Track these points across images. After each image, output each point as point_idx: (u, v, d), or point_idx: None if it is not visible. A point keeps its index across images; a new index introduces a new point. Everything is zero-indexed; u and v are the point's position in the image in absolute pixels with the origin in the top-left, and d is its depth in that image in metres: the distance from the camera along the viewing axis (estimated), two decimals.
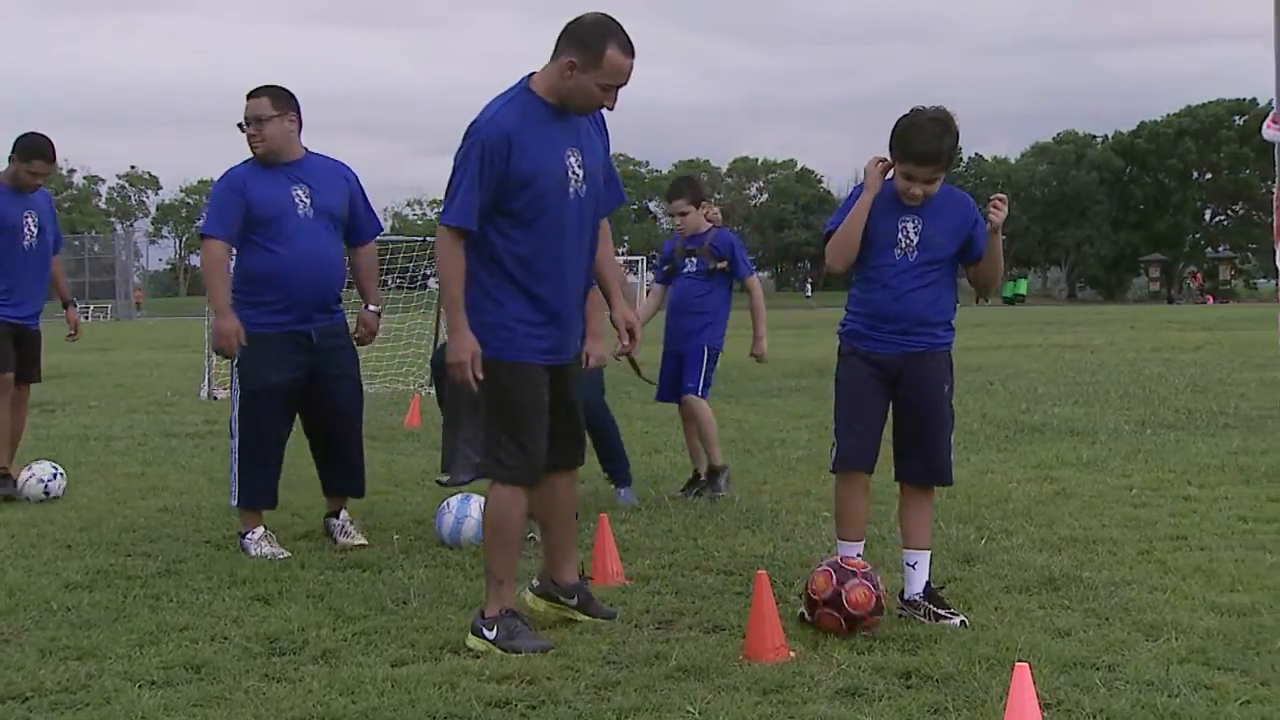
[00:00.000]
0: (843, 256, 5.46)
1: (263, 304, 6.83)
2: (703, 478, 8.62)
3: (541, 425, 5.18)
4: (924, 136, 5.23)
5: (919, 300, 5.39)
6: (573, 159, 5.18)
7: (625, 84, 5.09)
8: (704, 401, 8.55)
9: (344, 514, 7.19)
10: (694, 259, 8.58)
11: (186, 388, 17.73)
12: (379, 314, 7.50)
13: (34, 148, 8.54)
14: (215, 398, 15.98)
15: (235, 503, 7.03)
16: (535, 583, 5.58)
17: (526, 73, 5.23)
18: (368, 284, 7.42)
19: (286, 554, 6.80)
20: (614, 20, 5.08)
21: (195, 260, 77.00)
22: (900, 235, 5.37)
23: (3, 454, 8.76)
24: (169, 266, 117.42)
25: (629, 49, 5.05)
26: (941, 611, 5.31)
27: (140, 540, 7.31)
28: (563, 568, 5.53)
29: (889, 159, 5.35)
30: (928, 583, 5.46)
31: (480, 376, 5.03)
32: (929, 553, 5.56)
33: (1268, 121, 1.84)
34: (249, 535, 6.89)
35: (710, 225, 8.69)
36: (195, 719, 4.34)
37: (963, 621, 5.23)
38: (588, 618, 5.43)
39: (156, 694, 4.59)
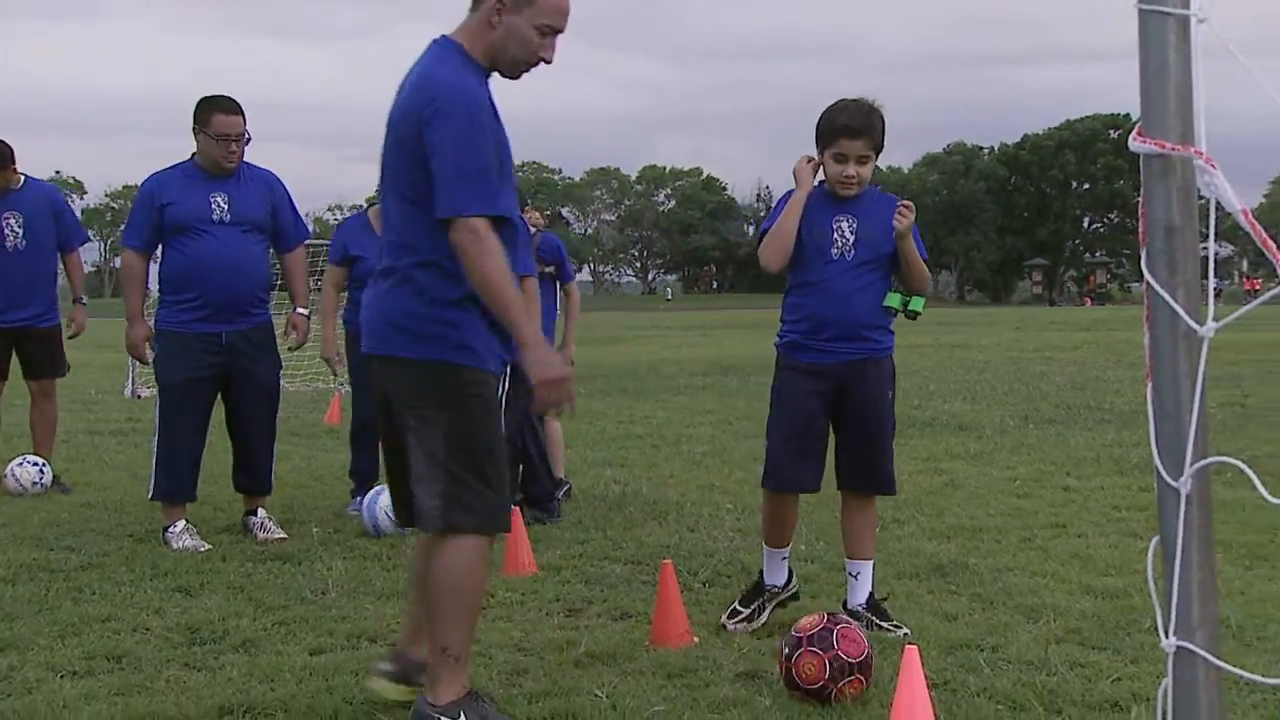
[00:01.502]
0: (778, 254, 5.01)
1: (178, 303, 6.80)
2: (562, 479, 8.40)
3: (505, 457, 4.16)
4: (849, 111, 4.93)
5: (860, 303, 4.98)
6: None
7: (563, 30, 3.98)
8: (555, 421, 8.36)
9: (261, 511, 7.09)
10: None
11: (110, 386, 17.40)
12: (308, 316, 7.47)
13: None
14: (139, 396, 15.73)
15: (151, 495, 6.93)
16: (387, 666, 4.22)
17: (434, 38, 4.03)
18: (297, 287, 7.39)
19: (208, 546, 6.68)
20: None
21: (119, 263, 75.36)
22: (836, 235, 4.97)
23: (44, 449, 8.73)
24: (94, 269, 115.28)
25: None
26: (883, 624, 4.95)
27: (64, 534, 7.14)
28: (422, 640, 4.18)
29: (816, 158, 5.04)
30: (871, 593, 5.11)
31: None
32: (871, 563, 5.17)
33: (1134, 134, 1.88)
34: (171, 529, 6.78)
35: (536, 230, 8.61)
36: (116, 708, 4.25)
37: (905, 634, 4.84)
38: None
39: (79, 683, 4.50)
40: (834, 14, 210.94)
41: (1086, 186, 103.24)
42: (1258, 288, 76.08)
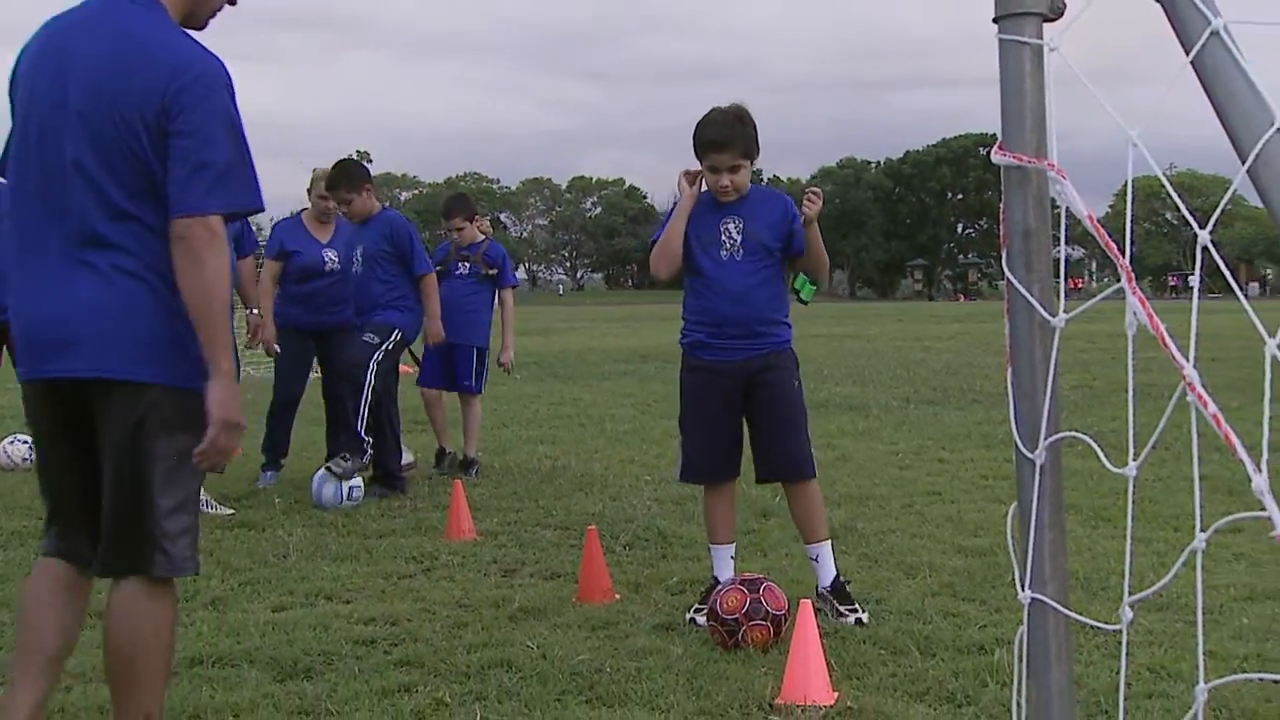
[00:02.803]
0: (665, 261, 4.75)
1: None
2: (448, 453, 8.32)
3: None
4: (714, 126, 4.61)
5: (757, 299, 4.68)
6: None
7: None
8: (478, 400, 8.33)
9: (201, 492, 6.90)
10: (467, 264, 8.26)
11: None
12: (260, 315, 7.54)
13: None
14: None
15: None
16: None
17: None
18: (249, 291, 7.42)
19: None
20: None
21: None
22: (724, 236, 4.69)
23: None
24: None
25: None
26: (842, 608, 4.59)
27: None
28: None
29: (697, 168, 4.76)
30: (836, 576, 4.74)
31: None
32: (827, 544, 4.79)
33: (996, 148, 1.90)
34: None
35: (484, 236, 8.53)
36: (96, 659, 4.15)
37: (858, 620, 4.51)
38: None
39: None
40: (741, 44, 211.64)
41: (960, 196, 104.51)
42: (1080, 286, 77.82)
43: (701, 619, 4.48)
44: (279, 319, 7.66)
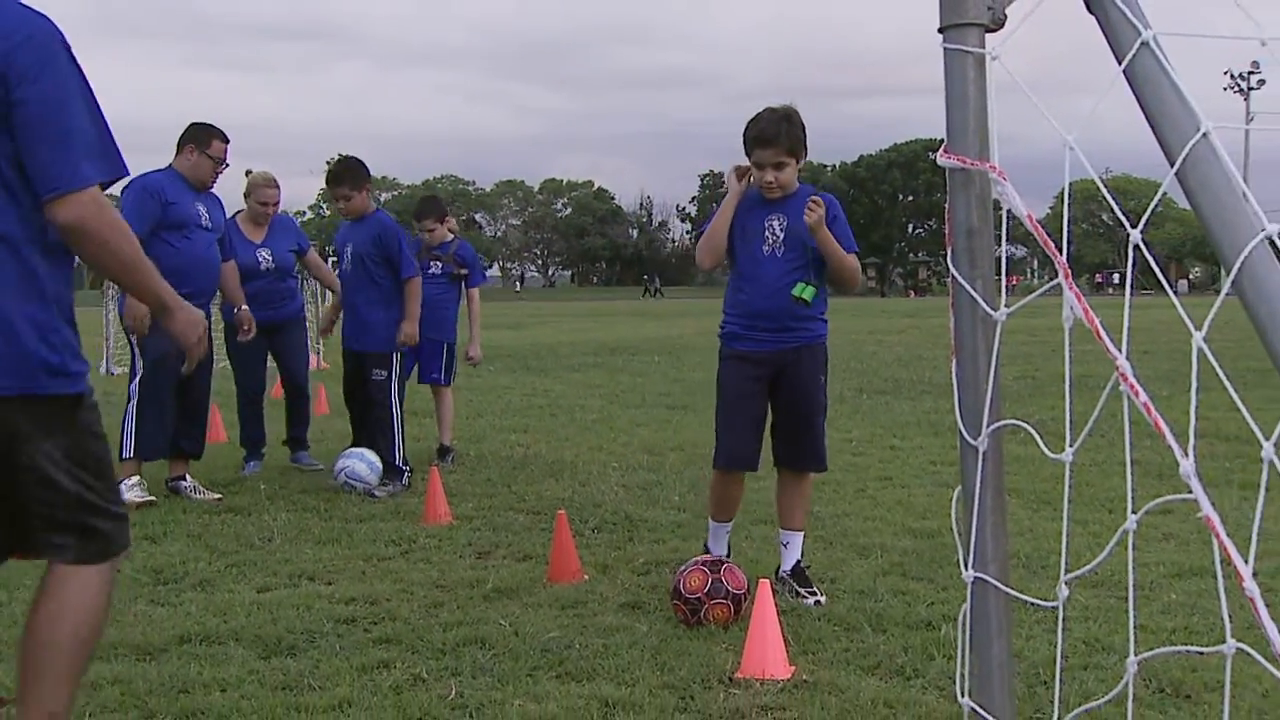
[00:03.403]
0: (709, 252, 4.68)
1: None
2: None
3: None
4: (761, 122, 4.54)
5: (791, 296, 4.60)
6: None
7: None
8: (449, 391, 8.26)
9: (189, 478, 6.84)
10: (439, 264, 8.16)
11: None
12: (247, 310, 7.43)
13: None
14: (113, 373, 15.26)
15: (126, 456, 6.61)
16: None
17: None
18: (236, 294, 7.28)
19: (153, 498, 6.47)
20: None
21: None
22: (767, 232, 4.61)
23: None
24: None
25: None
26: (801, 590, 4.57)
27: None
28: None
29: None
30: (797, 561, 4.72)
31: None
32: (801, 534, 4.77)
33: (941, 151, 1.89)
34: (123, 483, 6.55)
35: (454, 236, 8.47)
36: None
37: (817, 601, 4.50)
38: None
39: None
40: (703, 54, 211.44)
41: (911, 198, 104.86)
42: (1016, 283, 78.25)
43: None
44: (228, 315, 7.58)
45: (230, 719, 3.37)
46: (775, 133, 4.54)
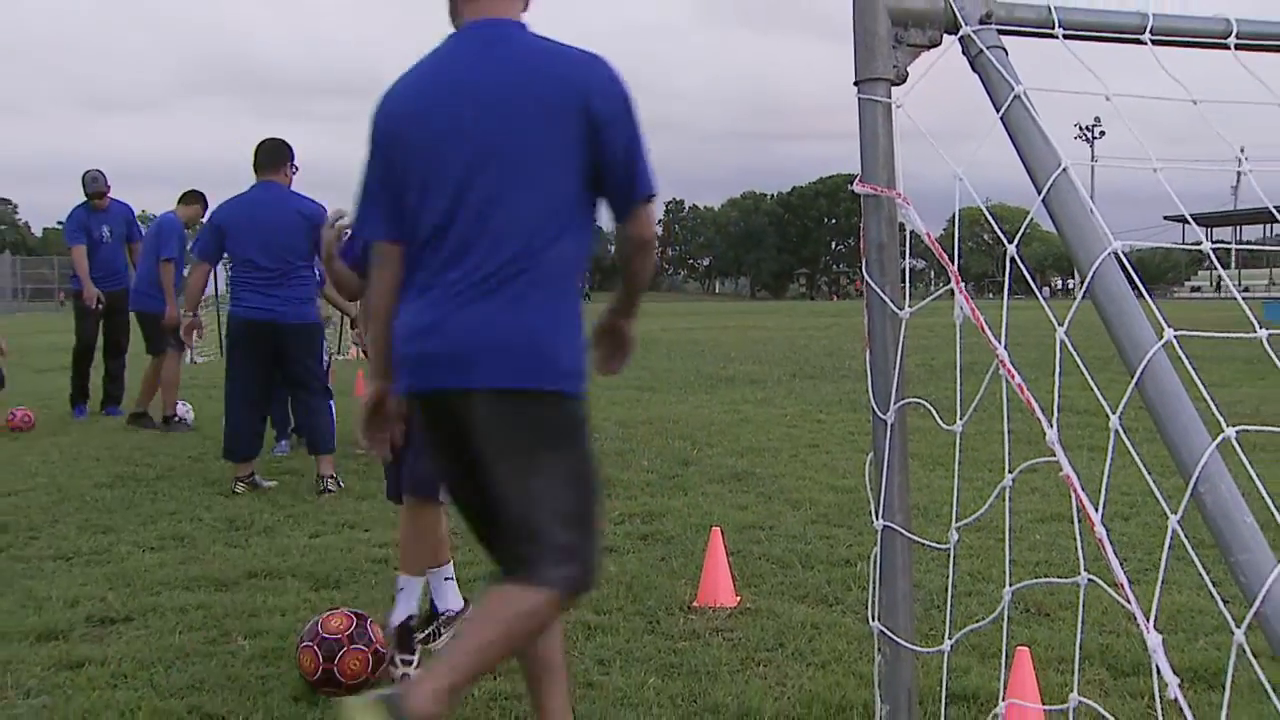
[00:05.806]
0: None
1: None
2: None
3: None
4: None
5: None
6: None
7: None
8: None
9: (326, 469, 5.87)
10: None
11: None
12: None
13: None
14: (195, 362, 15.10)
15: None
16: None
17: None
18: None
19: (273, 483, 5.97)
20: None
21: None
22: None
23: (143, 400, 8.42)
24: None
25: None
26: (398, 656, 3.11)
27: (145, 455, 6.94)
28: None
29: None
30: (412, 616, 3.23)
31: None
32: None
33: (857, 181, 1.89)
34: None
35: None
36: (180, 571, 4.16)
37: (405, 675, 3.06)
38: None
39: (155, 556, 4.43)
40: (664, 103, 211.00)
41: (834, 221, 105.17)
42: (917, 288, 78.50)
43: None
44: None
45: (288, 637, 3.35)
46: None
